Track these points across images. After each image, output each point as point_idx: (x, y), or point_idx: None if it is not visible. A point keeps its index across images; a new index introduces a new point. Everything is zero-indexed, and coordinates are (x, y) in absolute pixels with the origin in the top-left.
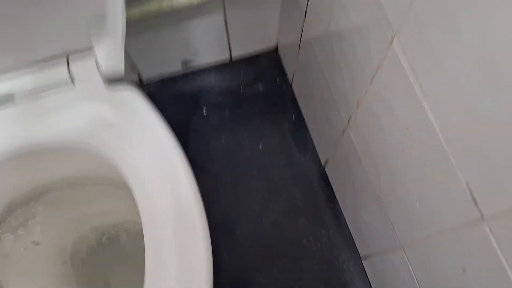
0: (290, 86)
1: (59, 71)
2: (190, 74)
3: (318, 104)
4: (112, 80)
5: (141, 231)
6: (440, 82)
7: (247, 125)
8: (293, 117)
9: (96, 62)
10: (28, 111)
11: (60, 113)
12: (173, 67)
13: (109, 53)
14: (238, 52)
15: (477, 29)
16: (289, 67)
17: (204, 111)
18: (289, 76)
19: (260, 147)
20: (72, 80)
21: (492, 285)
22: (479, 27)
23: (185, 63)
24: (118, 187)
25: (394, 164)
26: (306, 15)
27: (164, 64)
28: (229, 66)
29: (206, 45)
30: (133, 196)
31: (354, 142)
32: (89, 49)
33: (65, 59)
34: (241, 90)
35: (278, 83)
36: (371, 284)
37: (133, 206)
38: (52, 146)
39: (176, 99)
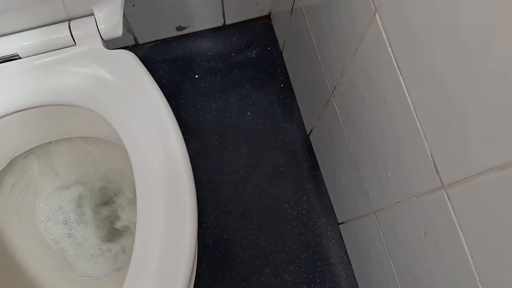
0: (281, 54)
1: (61, 33)
2: (183, 38)
3: (306, 73)
4: (110, 42)
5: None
6: (415, 56)
7: (237, 91)
8: (282, 85)
9: (97, 24)
10: (31, 70)
11: (61, 73)
12: (168, 33)
13: (109, 16)
14: (232, 19)
15: (450, 7)
16: (281, 36)
17: (196, 74)
18: (280, 44)
19: (248, 113)
20: (74, 41)
21: (448, 248)
22: (452, 4)
23: (179, 28)
24: (117, 145)
25: (372, 133)
26: None
27: (159, 28)
28: (222, 31)
29: (200, 11)
30: (127, 152)
31: (337, 111)
32: (90, 13)
33: (68, 22)
34: (233, 56)
35: (269, 50)
36: (346, 248)
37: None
38: (53, 103)
39: (169, 62)
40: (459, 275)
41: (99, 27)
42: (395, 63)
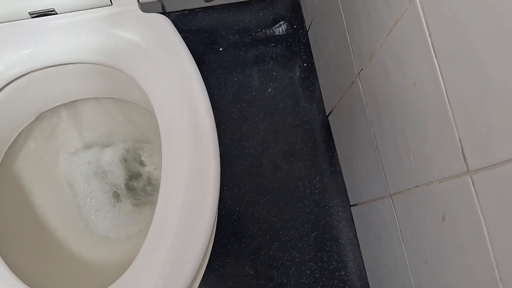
0: (306, 34)
1: None
2: (210, 9)
3: (331, 54)
4: (145, 5)
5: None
6: (454, 41)
7: (260, 67)
8: (305, 64)
9: None
10: (66, 26)
11: (96, 32)
12: (196, 3)
13: None
14: None
15: None
16: (308, 14)
17: (220, 47)
18: (307, 23)
19: (269, 89)
20: (110, 0)
21: (467, 233)
22: None
23: (207, 0)
24: (144, 108)
25: (397, 117)
26: None
27: None
28: (249, 6)
29: None
30: (155, 116)
31: (362, 93)
32: None
33: None
34: (258, 32)
35: (295, 29)
36: (356, 230)
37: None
38: (87, 62)
39: (195, 33)
40: (476, 261)
41: None
42: (431, 46)
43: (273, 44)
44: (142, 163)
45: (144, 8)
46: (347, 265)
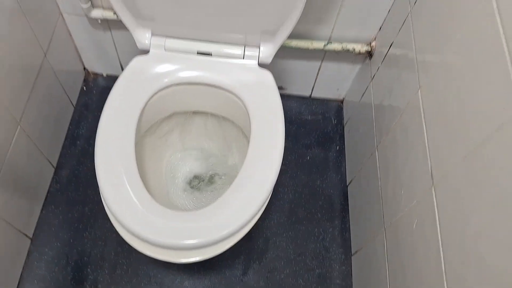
0: (343, 127)
1: (239, 51)
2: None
3: (359, 140)
4: (261, 64)
5: None
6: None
7: (304, 140)
8: (337, 147)
9: (259, 52)
10: (216, 64)
11: (230, 71)
12: None
13: (267, 50)
14: (317, 94)
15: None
16: (347, 114)
17: None
18: (345, 120)
19: (308, 157)
20: (244, 57)
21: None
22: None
23: (280, 88)
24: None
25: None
26: (371, 85)
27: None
28: (307, 100)
29: (299, 81)
30: (250, 137)
31: (377, 161)
32: (258, 45)
33: (244, 46)
34: (309, 118)
35: (335, 123)
36: (352, 275)
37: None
38: (218, 86)
39: None
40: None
41: (260, 54)
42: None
43: (318, 128)
44: (216, 170)
45: (260, 65)
46: None
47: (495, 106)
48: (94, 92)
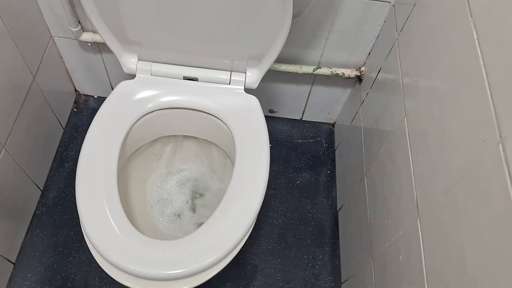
0: (334, 151)
1: (225, 76)
2: (270, 118)
3: (349, 165)
4: (248, 90)
5: None
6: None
7: (295, 164)
8: (328, 171)
9: (245, 78)
10: (201, 89)
11: (216, 96)
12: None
13: (253, 76)
14: (308, 117)
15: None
16: (338, 138)
17: (270, 144)
18: (336, 144)
19: (298, 182)
20: (230, 82)
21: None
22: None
23: (271, 111)
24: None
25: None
26: (362, 112)
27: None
28: (298, 123)
29: (290, 104)
30: (234, 161)
31: (366, 188)
32: (244, 71)
33: (230, 72)
34: (299, 141)
35: (326, 146)
36: None
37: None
38: (203, 110)
39: None
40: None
41: (246, 80)
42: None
43: (308, 152)
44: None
45: (246, 90)
46: None
47: (475, 138)
48: (85, 113)
